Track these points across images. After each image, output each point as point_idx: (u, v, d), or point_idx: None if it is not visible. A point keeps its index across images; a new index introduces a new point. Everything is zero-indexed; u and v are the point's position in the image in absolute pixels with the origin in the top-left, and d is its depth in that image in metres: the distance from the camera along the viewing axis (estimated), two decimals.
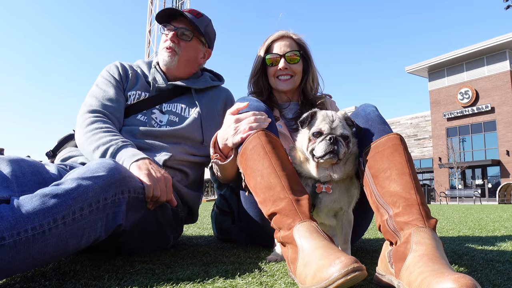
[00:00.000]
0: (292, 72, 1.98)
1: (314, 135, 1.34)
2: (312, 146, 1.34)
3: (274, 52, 1.98)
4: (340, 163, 1.36)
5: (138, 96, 1.82)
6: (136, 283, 1.08)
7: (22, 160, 1.25)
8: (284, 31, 2.04)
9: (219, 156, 1.53)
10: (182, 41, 1.85)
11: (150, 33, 37.83)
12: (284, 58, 1.96)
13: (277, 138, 1.38)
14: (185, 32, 1.85)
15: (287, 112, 2.03)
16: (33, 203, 1.01)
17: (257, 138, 1.34)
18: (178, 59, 1.85)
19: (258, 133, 1.35)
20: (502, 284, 1.12)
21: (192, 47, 1.89)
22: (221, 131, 1.52)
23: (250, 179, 1.33)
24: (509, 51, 27.64)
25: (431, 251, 0.98)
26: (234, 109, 1.49)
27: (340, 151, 1.30)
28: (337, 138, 1.31)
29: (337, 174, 1.35)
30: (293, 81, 2.00)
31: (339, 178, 1.36)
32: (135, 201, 1.31)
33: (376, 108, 1.44)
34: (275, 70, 1.98)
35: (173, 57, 1.84)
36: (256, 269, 1.27)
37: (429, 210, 1.15)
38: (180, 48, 1.85)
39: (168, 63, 1.85)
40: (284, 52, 1.97)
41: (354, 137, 1.39)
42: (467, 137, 30.12)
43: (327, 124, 1.33)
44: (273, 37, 2.02)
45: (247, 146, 1.35)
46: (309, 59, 2.04)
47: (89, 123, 1.62)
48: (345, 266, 0.90)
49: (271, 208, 1.23)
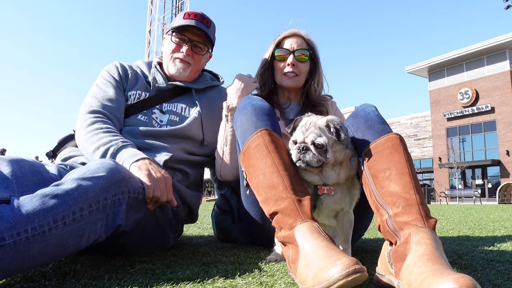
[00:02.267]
0: (298, 71, 1.98)
1: (292, 143, 1.36)
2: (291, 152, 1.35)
3: (284, 48, 1.99)
4: (326, 170, 1.33)
5: (138, 96, 1.82)
6: (136, 283, 1.08)
7: (22, 160, 1.25)
8: (296, 29, 2.04)
9: None
10: (195, 54, 1.87)
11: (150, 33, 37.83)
12: (293, 55, 1.96)
13: (280, 138, 1.38)
14: (198, 45, 1.87)
15: (288, 112, 2.03)
16: (33, 204, 1.02)
17: (260, 137, 1.34)
18: (190, 70, 1.89)
19: (261, 132, 1.35)
20: (502, 284, 1.12)
21: (203, 58, 1.93)
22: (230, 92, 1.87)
23: (252, 178, 1.33)
24: (509, 51, 27.63)
25: (431, 251, 0.98)
26: None
27: (310, 159, 1.29)
28: (307, 147, 1.30)
29: (329, 179, 1.34)
30: (298, 79, 2.00)
31: (334, 183, 1.35)
32: (135, 202, 1.31)
33: (376, 108, 1.44)
34: (283, 66, 1.99)
35: (186, 69, 1.88)
36: (256, 269, 1.27)
37: (429, 210, 1.15)
38: (193, 60, 1.88)
39: (181, 74, 1.88)
40: (293, 49, 1.97)
41: (339, 144, 1.32)
42: (467, 137, 30.11)
43: (301, 134, 1.34)
44: (285, 34, 2.03)
45: (250, 144, 1.36)
46: (317, 61, 2.04)
47: (89, 124, 1.62)
48: (346, 267, 0.90)
49: (272, 208, 1.23)
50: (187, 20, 1.81)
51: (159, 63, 1.96)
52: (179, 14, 1.90)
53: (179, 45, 1.85)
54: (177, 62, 1.85)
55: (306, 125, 1.35)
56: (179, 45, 1.85)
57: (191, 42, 1.84)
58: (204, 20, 1.85)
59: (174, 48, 1.85)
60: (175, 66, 1.86)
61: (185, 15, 1.84)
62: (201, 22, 1.83)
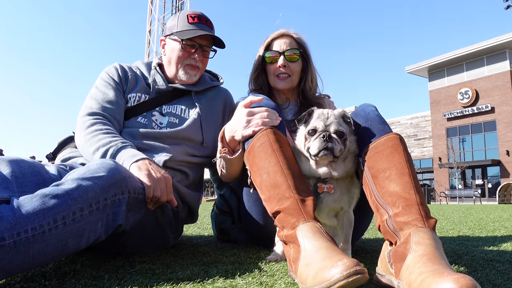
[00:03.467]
0: (290, 72, 1.98)
1: (309, 133, 1.35)
2: (308, 144, 1.35)
3: (274, 50, 1.98)
4: (338, 161, 1.35)
5: (138, 98, 1.82)
6: (136, 283, 1.08)
7: (22, 160, 1.25)
8: (285, 30, 2.04)
9: (227, 150, 1.53)
10: (204, 58, 1.88)
11: (150, 33, 37.83)
12: (284, 56, 1.96)
13: (285, 137, 1.38)
14: (206, 49, 1.88)
15: (286, 112, 2.03)
16: (33, 204, 1.02)
17: (265, 136, 1.34)
18: (199, 75, 1.91)
19: (266, 131, 1.35)
20: (502, 284, 1.12)
21: (208, 60, 1.94)
22: (230, 123, 1.51)
23: (256, 176, 1.34)
24: (509, 51, 27.63)
25: (431, 251, 0.98)
26: (248, 101, 1.49)
27: (335, 148, 1.30)
28: (331, 136, 1.31)
29: (337, 171, 1.35)
30: (291, 80, 2.00)
31: (340, 176, 1.36)
32: (135, 202, 1.31)
33: (376, 108, 1.44)
34: (275, 68, 1.98)
35: (197, 75, 1.89)
36: (256, 269, 1.27)
37: (429, 210, 1.15)
38: (202, 64, 1.89)
39: (192, 80, 1.88)
40: (283, 50, 1.97)
41: (353, 135, 1.38)
42: (467, 137, 30.11)
43: (321, 122, 1.34)
44: (273, 35, 2.03)
45: (255, 143, 1.36)
46: (308, 58, 2.04)
47: (89, 125, 1.62)
48: (347, 268, 0.90)
49: (275, 206, 1.23)
50: (193, 25, 1.80)
51: (159, 64, 1.96)
52: (179, 16, 1.87)
53: (190, 52, 1.84)
54: (188, 70, 1.85)
55: (324, 114, 1.36)
56: (190, 51, 1.83)
57: (201, 48, 1.84)
58: (207, 22, 1.85)
59: (184, 55, 1.83)
60: (187, 74, 1.85)
61: (189, 18, 1.82)
62: (206, 25, 1.83)
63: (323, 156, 1.31)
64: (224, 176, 1.69)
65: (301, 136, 1.41)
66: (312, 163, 1.37)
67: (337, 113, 1.38)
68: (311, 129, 1.35)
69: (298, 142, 1.44)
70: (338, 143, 1.31)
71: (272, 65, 2.00)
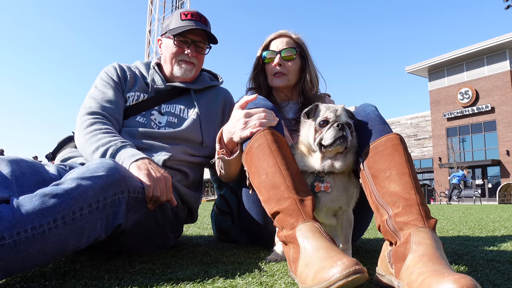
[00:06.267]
0: (286, 71, 1.99)
1: (320, 125, 1.35)
2: (320, 135, 1.34)
3: (271, 50, 2.01)
4: (342, 154, 1.37)
5: (137, 97, 1.82)
6: (136, 283, 1.08)
7: (21, 160, 1.25)
8: (283, 30, 2.06)
9: (225, 151, 1.53)
10: (198, 54, 1.88)
11: (150, 33, 37.83)
12: (280, 55, 1.98)
13: (283, 137, 1.38)
14: (200, 45, 1.87)
15: (286, 111, 2.03)
16: (33, 203, 1.01)
17: (263, 137, 1.34)
18: (195, 71, 1.90)
19: (264, 132, 1.35)
20: (502, 284, 1.12)
21: (204, 57, 1.94)
22: (228, 124, 1.51)
23: (255, 177, 1.33)
24: (509, 51, 27.63)
25: (431, 251, 0.98)
26: (243, 101, 1.49)
27: (348, 137, 1.32)
28: (344, 125, 1.32)
29: (339, 164, 1.35)
30: (287, 78, 2.01)
31: (342, 169, 1.36)
32: (135, 201, 1.31)
33: (376, 108, 1.44)
34: (272, 67, 2.00)
35: (192, 70, 1.88)
36: (256, 269, 1.27)
37: (429, 210, 1.15)
38: (197, 60, 1.88)
39: (187, 75, 1.88)
40: (280, 49, 1.99)
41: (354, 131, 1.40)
42: (467, 137, 30.11)
43: (332, 113, 1.35)
44: (272, 36, 2.06)
45: (253, 144, 1.36)
46: (306, 57, 2.05)
47: (88, 125, 1.62)
48: (346, 268, 0.90)
49: (274, 207, 1.23)
50: (185, 22, 1.81)
51: (158, 64, 1.96)
52: (173, 14, 1.88)
53: (182, 48, 1.84)
54: (183, 65, 1.85)
55: (332, 107, 1.38)
56: (182, 47, 1.84)
57: (194, 43, 1.84)
58: (201, 19, 1.85)
59: (177, 51, 1.84)
60: (181, 68, 1.86)
61: (182, 15, 1.83)
62: (200, 22, 1.83)
63: (337, 146, 1.32)
64: (223, 177, 1.68)
65: (309, 130, 1.40)
66: (318, 156, 1.37)
67: (340, 107, 1.40)
68: (322, 120, 1.35)
69: (304, 137, 1.42)
70: (350, 133, 1.33)
71: (269, 65, 2.02)
